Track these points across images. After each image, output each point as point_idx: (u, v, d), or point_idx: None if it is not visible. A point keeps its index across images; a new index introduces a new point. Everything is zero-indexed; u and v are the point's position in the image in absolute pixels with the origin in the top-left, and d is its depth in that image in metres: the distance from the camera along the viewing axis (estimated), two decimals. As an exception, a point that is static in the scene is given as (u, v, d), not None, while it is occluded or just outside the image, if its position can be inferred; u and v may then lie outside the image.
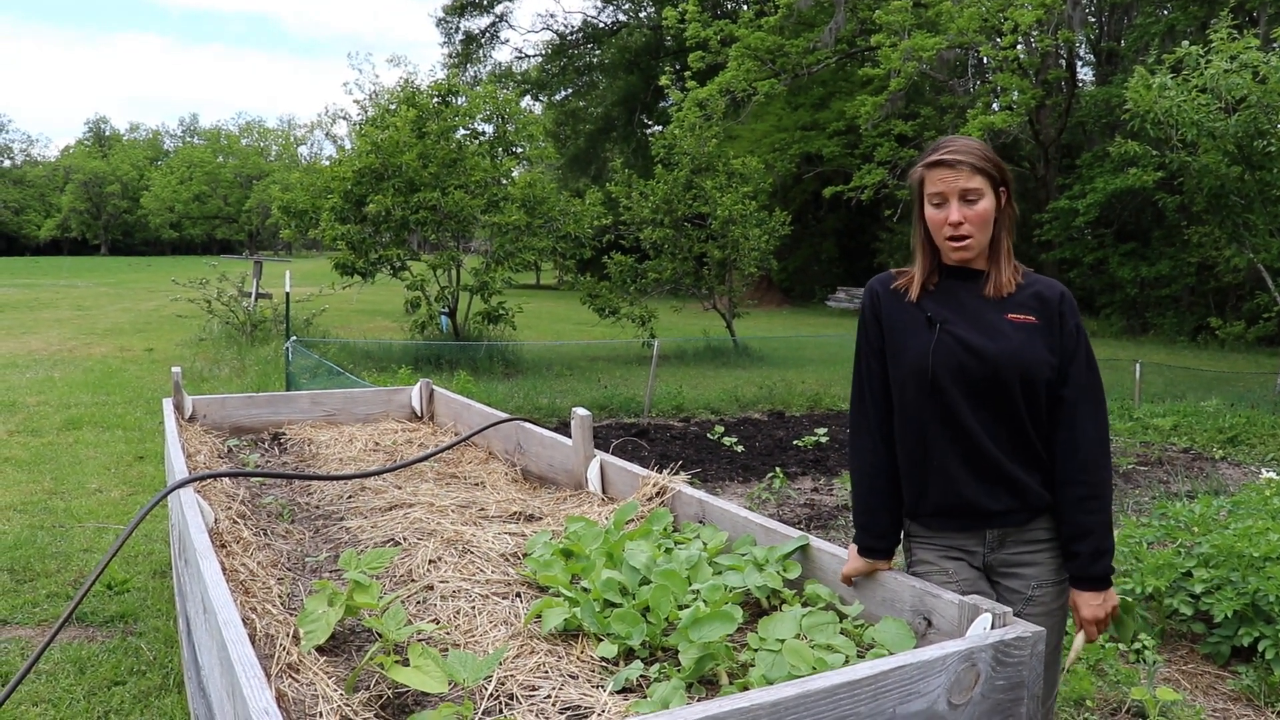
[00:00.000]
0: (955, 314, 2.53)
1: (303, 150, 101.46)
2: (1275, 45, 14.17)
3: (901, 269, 2.69)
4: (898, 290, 2.62)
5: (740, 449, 9.87)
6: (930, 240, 2.59)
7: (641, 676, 2.16)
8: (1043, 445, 2.52)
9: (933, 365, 2.47)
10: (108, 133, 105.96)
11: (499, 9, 50.69)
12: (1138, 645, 4.57)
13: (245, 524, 3.25)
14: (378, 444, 4.78)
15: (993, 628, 2.04)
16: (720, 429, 10.73)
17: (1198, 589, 4.81)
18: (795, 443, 10.28)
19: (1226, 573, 4.76)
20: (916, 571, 2.62)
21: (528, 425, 4.24)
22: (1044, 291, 2.55)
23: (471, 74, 50.54)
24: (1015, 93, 24.04)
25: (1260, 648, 4.44)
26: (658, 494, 3.26)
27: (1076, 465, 2.48)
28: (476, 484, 4.02)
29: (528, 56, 52.83)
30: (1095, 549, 2.46)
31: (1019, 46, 24.38)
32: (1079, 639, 2.50)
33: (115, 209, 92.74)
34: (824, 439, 10.36)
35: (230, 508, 3.35)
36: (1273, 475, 6.45)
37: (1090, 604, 2.47)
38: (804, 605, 2.46)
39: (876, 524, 2.56)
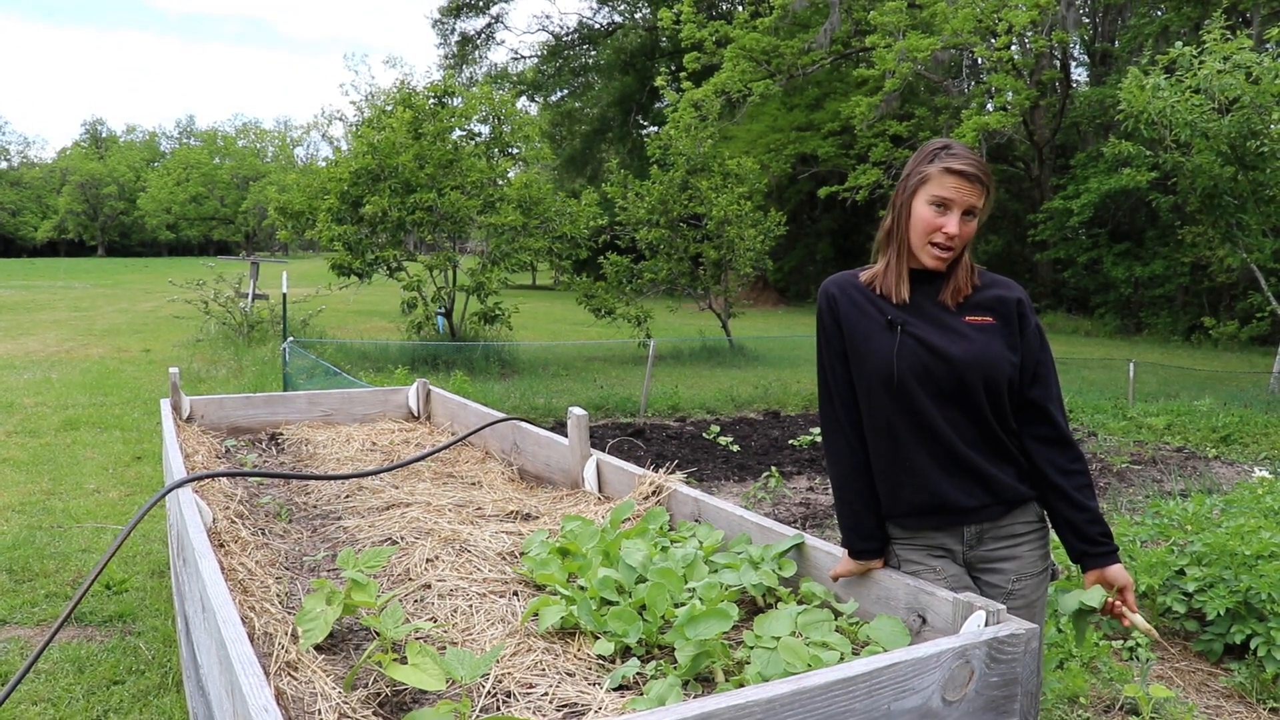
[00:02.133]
0: (914, 316, 2.51)
1: (299, 151, 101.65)
2: (1268, 46, 14.23)
3: (865, 268, 2.66)
4: (861, 288, 2.59)
5: (736, 448, 9.88)
6: (906, 236, 2.55)
7: (638, 674, 2.17)
8: (1011, 440, 2.53)
9: (897, 368, 2.45)
10: (104, 134, 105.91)
11: (494, 10, 50.80)
12: (1131, 644, 4.60)
13: (243, 524, 3.26)
14: (375, 444, 4.80)
15: (986, 625, 2.06)
16: (716, 429, 10.75)
17: (1191, 587, 4.83)
18: (791, 442, 10.30)
19: (1219, 571, 4.78)
20: (906, 572, 2.63)
21: (524, 425, 4.25)
22: (1003, 293, 2.56)
23: (467, 75, 50.66)
24: (1010, 93, 24.12)
25: (1253, 645, 4.47)
26: (654, 493, 3.28)
27: (1070, 456, 2.52)
28: (473, 483, 4.03)
29: (523, 58, 52.94)
30: (1107, 528, 2.51)
31: (1013, 47, 24.44)
32: (1138, 619, 2.48)
33: (112, 210, 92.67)
34: (820, 438, 10.36)
35: (228, 508, 3.37)
36: (1265, 474, 6.48)
37: (1123, 573, 2.49)
38: (799, 603, 2.48)
39: (863, 525, 2.55)
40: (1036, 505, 2.59)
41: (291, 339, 12.49)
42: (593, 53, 49.19)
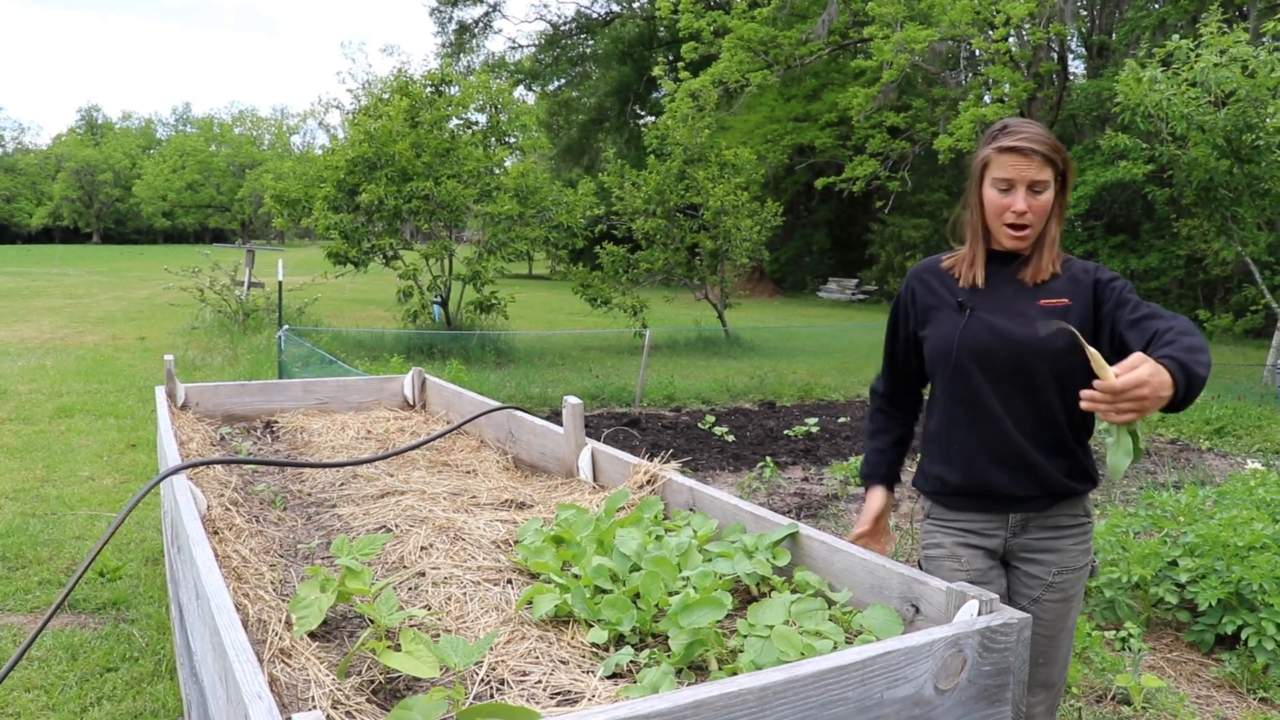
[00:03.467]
0: (988, 298, 2.56)
1: (295, 139, 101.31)
2: (1264, 39, 14.22)
3: (950, 253, 2.71)
4: (939, 272, 2.66)
5: (731, 439, 9.89)
6: (983, 223, 2.59)
7: (631, 662, 2.18)
8: (1070, 431, 2.54)
9: (958, 348, 2.50)
10: (100, 121, 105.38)
11: (492, -1, 50.58)
12: (1124, 634, 4.61)
13: (238, 511, 3.26)
14: (370, 432, 4.80)
15: (979, 614, 2.06)
16: (711, 419, 10.75)
17: (1183, 578, 4.85)
18: (786, 433, 10.31)
19: (1211, 562, 4.80)
20: (929, 555, 2.69)
21: (519, 414, 4.25)
22: (1077, 272, 2.58)
23: (465, 64, 50.47)
24: (1007, 85, 24.08)
25: (1244, 636, 4.49)
26: (648, 482, 3.28)
27: (1176, 331, 2.22)
28: (468, 472, 4.03)
29: (521, 46, 52.80)
30: (1179, 353, 2.12)
31: (1011, 39, 24.42)
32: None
33: (107, 197, 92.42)
34: (815, 429, 10.38)
35: (223, 495, 3.37)
36: (1258, 466, 6.50)
37: (1141, 362, 2.04)
38: (793, 592, 2.48)
39: (876, 471, 2.85)
40: (1085, 500, 2.61)
41: (287, 327, 12.47)
42: (590, 42, 49.05)
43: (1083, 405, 2.07)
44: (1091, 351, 2.07)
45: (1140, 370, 1.99)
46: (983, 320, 2.52)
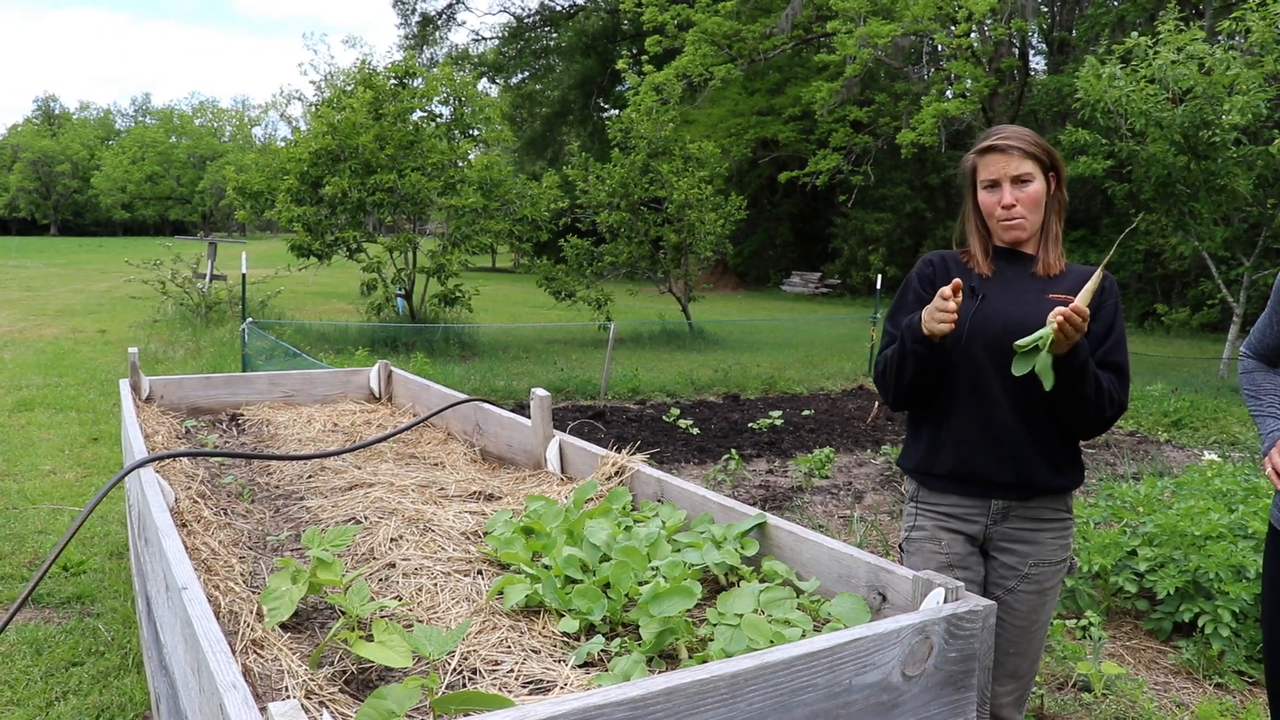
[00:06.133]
0: (999, 288, 2.67)
1: (257, 131, 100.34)
2: (1220, 38, 14.41)
3: (963, 249, 2.81)
4: (955, 260, 2.76)
5: (696, 431, 9.92)
6: (983, 224, 2.72)
7: (603, 651, 2.20)
8: (1063, 431, 2.63)
9: (968, 333, 2.59)
10: (57, 111, 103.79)
11: (456, -10, 50.31)
12: (1084, 622, 4.68)
13: (205, 504, 3.25)
14: (336, 425, 4.78)
15: (946, 602, 2.10)
16: (676, 411, 10.78)
17: (1142, 567, 4.93)
18: (750, 425, 10.36)
19: (1169, 551, 4.88)
20: (910, 537, 2.77)
21: (486, 406, 4.26)
22: (1085, 276, 2.66)
23: (428, 56, 50.13)
24: (969, 80, 24.21)
25: (1200, 623, 4.57)
26: (616, 473, 3.30)
27: (1112, 389, 2.64)
28: (436, 464, 4.04)
29: (484, 39, 52.51)
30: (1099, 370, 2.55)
31: (973, 34, 24.55)
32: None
33: (65, 189, 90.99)
34: (779, 422, 10.44)
35: (190, 488, 3.36)
36: (1214, 457, 6.62)
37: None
38: (762, 581, 2.51)
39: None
40: (1067, 498, 2.69)
41: (250, 320, 12.38)
42: (554, 35, 48.92)
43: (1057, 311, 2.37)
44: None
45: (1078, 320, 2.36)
46: (994, 306, 2.63)
